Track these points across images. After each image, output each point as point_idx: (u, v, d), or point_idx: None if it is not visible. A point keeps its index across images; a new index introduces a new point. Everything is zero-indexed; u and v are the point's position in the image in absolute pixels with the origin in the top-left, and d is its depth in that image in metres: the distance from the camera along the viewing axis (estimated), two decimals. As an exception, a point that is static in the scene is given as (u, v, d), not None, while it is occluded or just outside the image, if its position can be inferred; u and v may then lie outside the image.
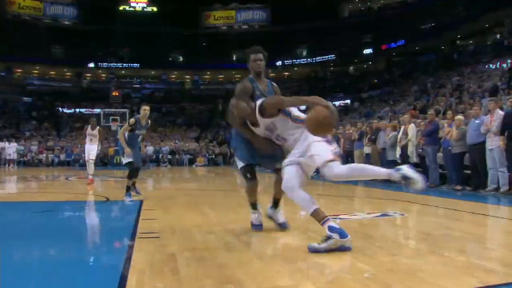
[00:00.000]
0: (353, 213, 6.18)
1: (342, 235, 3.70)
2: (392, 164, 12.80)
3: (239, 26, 50.81)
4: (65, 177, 17.12)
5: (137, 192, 8.58)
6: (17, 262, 3.65)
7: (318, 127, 3.84)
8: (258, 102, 4.21)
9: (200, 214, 6.21)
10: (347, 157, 15.25)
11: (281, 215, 4.81)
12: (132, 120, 8.32)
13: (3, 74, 47.32)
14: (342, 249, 3.68)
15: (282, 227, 4.75)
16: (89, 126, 12.78)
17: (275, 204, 4.78)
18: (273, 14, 49.70)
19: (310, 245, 3.73)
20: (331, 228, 3.73)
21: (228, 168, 27.18)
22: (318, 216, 3.82)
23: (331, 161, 3.81)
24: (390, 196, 9.08)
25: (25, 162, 31.02)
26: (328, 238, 3.70)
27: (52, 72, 50.16)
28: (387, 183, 12.45)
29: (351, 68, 49.40)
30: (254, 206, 4.82)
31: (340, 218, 5.61)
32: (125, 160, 8.34)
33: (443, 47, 40.68)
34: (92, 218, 7.01)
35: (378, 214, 6.04)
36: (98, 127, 12.85)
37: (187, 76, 51.32)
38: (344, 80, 47.49)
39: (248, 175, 4.65)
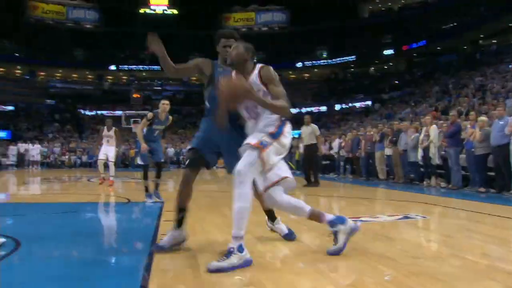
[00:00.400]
0: (375, 215, 6.14)
1: (342, 221, 3.69)
2: (414, 165, 12.69)
3: (258, 28, 50.91)
4: (87, 178, 17.31)
5: (157, 196, 8.09)
6: (38, 262, 3.70)
7: (228, 93, 3.48)
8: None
9: (220, 216, 6.22)
10: (368, 159, 15.17)
11: (284, 226, 4.35)
12: (150, 114, 8.18)
13: (27, 77, 48.24)
14: (354, 230, 3.68)
15: (288, 238, 4.31)
16: (105, 127, 12.80)
17: (271, 216, 4.40)
18: (292, 16, 49.72)
19: (330, 250, 3.69)
20: (331, 223, 3.70)
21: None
22: (316, 217, 3.78)
23: (251, 146, 3.47)
24: (412, 198, 8.98)
25: (48, 164, 31.50)
26: (336, 232, 3.67)
27: (74, 75, 50.96)
28: (409, 185, 12.36)
29: (372, 69, 49.10)
30: (180, 220, 4.04)
31: (361, 221, 5.58)
32: (139, 161, 8.36)
33: (465, 47, 40.20)
34: (114, 219, 7.08)
35: (400, 216, 5.99)
36: (114, 128, 12.86)
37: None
38: (365, 81, 47.24)
39: (189, 161, 4.01)
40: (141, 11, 50.11)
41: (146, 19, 49.17)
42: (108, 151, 12.59)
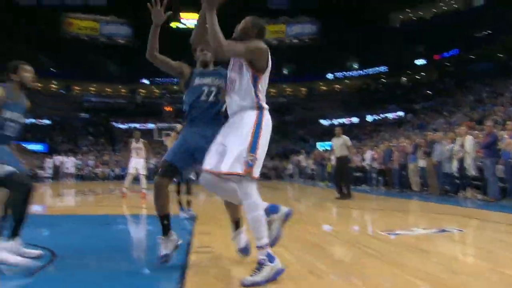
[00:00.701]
0: (409, 228, 6.02)
1: (275, 210, 3.60)
2: (448, 177, 12.43)
3: (289, 40, 51.02)
4: (120, 191, 17.54)
5: (189, 213, 7.78)
6: (73, 273, 3.75)
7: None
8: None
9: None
10: (401, 170, 14.95)
11: (243, 238, 4.09)
12: (179, 126, 8.07)
13: (62, 92, 49.48)
14: (288, 216, 3.59)
15: (242, 253, 4.06)
16: (133, 140, 12.81)
17: (236, 225, 4.15)
18: (323, 27, 49.69)
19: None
20: (265, 212, 3.58)
21: (281, 182, 27.17)
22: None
23: (240, 176, 3.34)
24: (447, 211, 8.78)
25: (82, 176, 32.06)
26: (270, 221, 3.57)
27: (108, 89, 52.04)
28: (444, 197, 12.11)
29: (403, 79, 48.60)
30: (166, 226, 3.97)
31: (395, 234, 5.48)
32: None
33: (500, 55, 39.36)
34: (146, 232, 7.12)
35: (435, 229, 5.86)
36: (142, 140, 12.84)
37: (237, 90, 51.90)
38: (397, 91, 46.75)
39: (161, 170, 3.92)
40: (173, 25, 50.79)
41: (177, 33, 49.88)
42: (137, 163, 12.59)
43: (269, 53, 3.60)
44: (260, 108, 3.56)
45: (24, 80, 4.22)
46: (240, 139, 3.39)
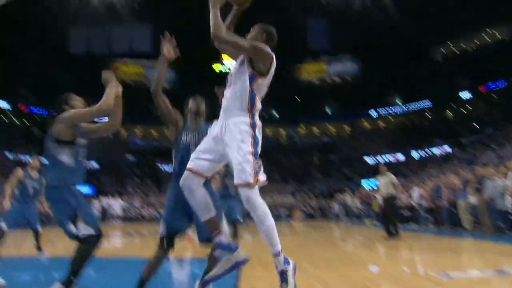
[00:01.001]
0: (463, 270, 5.76)
1: (231, 249, 3.49)
2: (503, 214, 11.92)
3: (331, 78, 51.28)
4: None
5: None
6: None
7: None
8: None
9: (299, 271, 6.08)
10: (450, 208, 14.48)
11: None
12: (223, 169, 8.15)
13: (111, 136, 50.93)
14: (239, 264, 3.48)
15: None
16: None
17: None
18: (364, 64, 49.69)
19: (206, 276, 3.62)
20: (220, 246, 3.52)
21: (326, 222, 26.79)
22: (213, 226, 3.63)
23: (248, 184, 3.34)
24: (504, 250, 8.38)
25: (129, 218, 32.49)
26: (220, 258, 3.51)
27: (153, 132, 53.30)
28: (499, 234, 11.58)
29: (449, 113, 47.73)
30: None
31: (447, 275, 5.24)
32: None
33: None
34: (191, 274, 7.08)
35: (492, 271, 5.57)
36: None
37: (281, 130, 52.13)
38: (442, 126, 45.87)
39: (165, 245, 4.10)
40: (216, 68, 51.85)
41: (221, 76, 50.89)
42: None
43: (274, 62, 3.66)
44: (252, 113, 3.59)
45: (75, 108, 4.49)
46: (242, 150, 3.42)
